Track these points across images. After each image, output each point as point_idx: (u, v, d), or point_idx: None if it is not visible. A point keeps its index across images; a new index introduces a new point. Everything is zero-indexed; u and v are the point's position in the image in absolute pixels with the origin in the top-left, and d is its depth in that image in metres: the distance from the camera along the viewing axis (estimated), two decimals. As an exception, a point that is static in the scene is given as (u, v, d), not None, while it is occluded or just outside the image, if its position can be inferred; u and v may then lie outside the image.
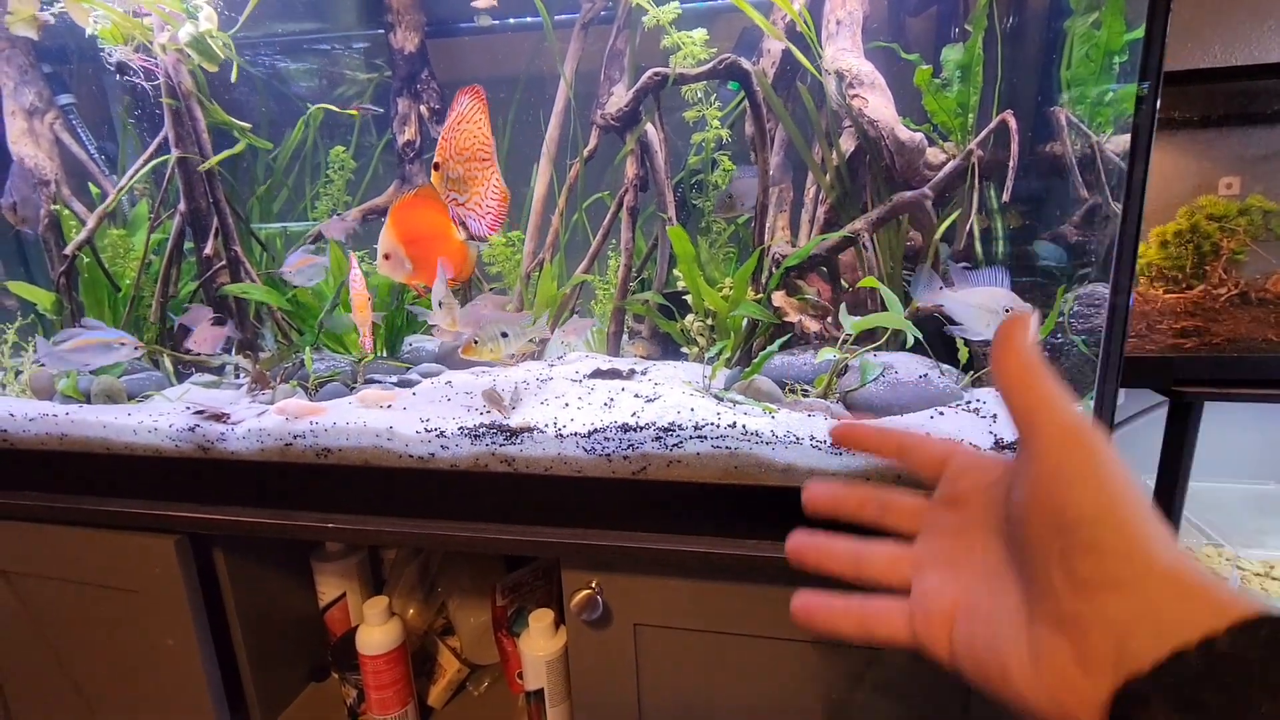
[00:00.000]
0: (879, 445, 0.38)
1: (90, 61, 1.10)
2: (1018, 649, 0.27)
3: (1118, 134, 0.78)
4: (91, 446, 0.84)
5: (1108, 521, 0.25)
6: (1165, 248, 1.01)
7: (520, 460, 0.72)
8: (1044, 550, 0.26)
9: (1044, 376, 0.28)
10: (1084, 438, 0.27)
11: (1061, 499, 0.26)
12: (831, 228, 0.92)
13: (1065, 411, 0.27)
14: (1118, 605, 0.24)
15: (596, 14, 1.02)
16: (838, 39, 0.88)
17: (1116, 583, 0.24)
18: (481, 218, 0.73)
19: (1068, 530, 0.25)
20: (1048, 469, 0.27)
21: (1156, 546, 0.24)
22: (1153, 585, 0.24)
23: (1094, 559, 0.25)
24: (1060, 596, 0.25)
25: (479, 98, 0.70)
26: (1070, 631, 0.25)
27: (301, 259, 0.90)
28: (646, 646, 0.72)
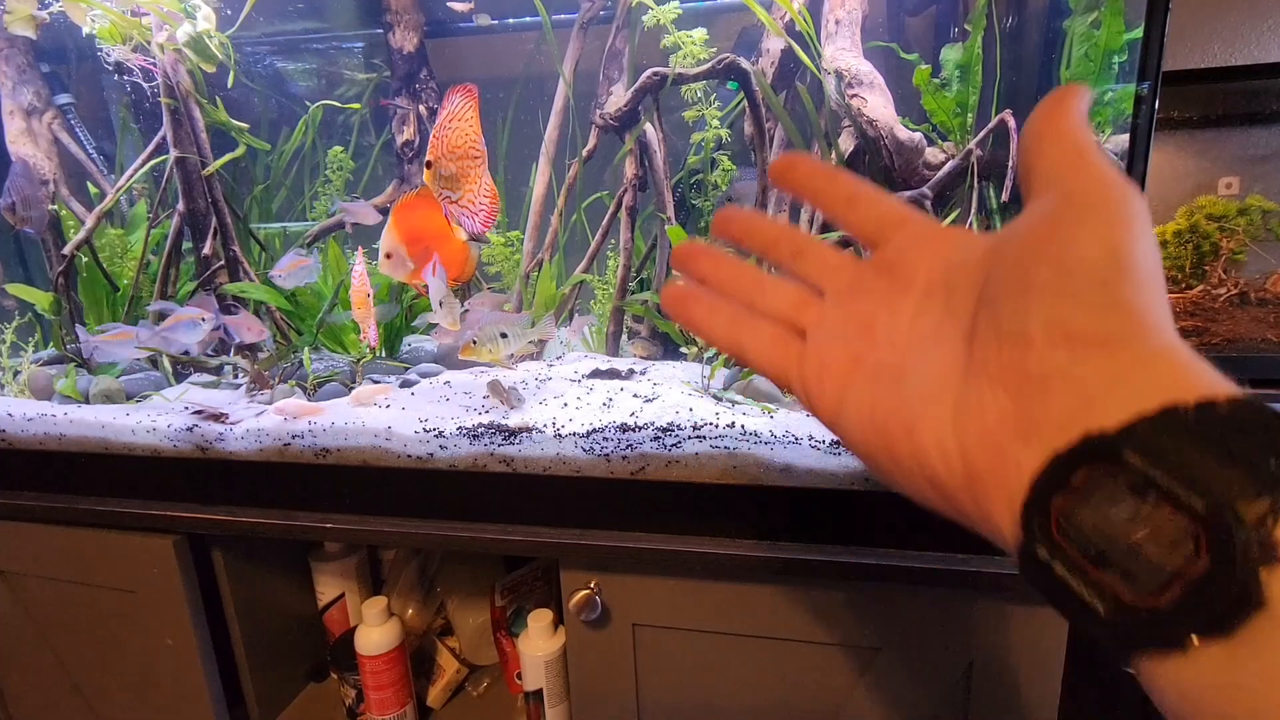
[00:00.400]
0: (825, 184, 0.32)
1: (89, 61, 1.10)
2: (935, 411, 0.25)
3: (1117, 134, 0.78)
4: (90, 447, 0.84)
5: (1121, 270, 0.22)
6: (1164, 248, 1.01)
7: (519, 460, 0.72)
8: (1027, 300, 0.23)
9: (1090, 134, 0.25)
10: (1119, 189, 0.23)
11: (1076, 239, 0.23)
12: (830, 227, 0.92)
13: (1101, 162, 0.24)
14: (1103, 363, 0.21)
15: (596, 14, 1.02)
16: (837, 38, 0.88)
17: (1110, 339, 0.21)
18: (474, 215, 0.73)
19: (1071, 272, 0.22)
20: (1067, 211, 0.23)
21: (1162, 319, 0.22)
22: (1148, 349, 0.21)
23: (1093, 307, 0.22)
24: (1031, 351, 0.22)
25: (471, 96, 0.70)
26: (1025, 391, 0.22)
27: (292, 261, 0.90)
28: (645, 647, 0.72)
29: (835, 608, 0.65)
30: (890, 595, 0.64)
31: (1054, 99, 0.26)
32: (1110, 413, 0.20)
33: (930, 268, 0.28)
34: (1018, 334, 0.23)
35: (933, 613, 0.63)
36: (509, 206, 1.12)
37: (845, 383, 0.28)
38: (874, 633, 0.65)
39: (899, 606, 0.64)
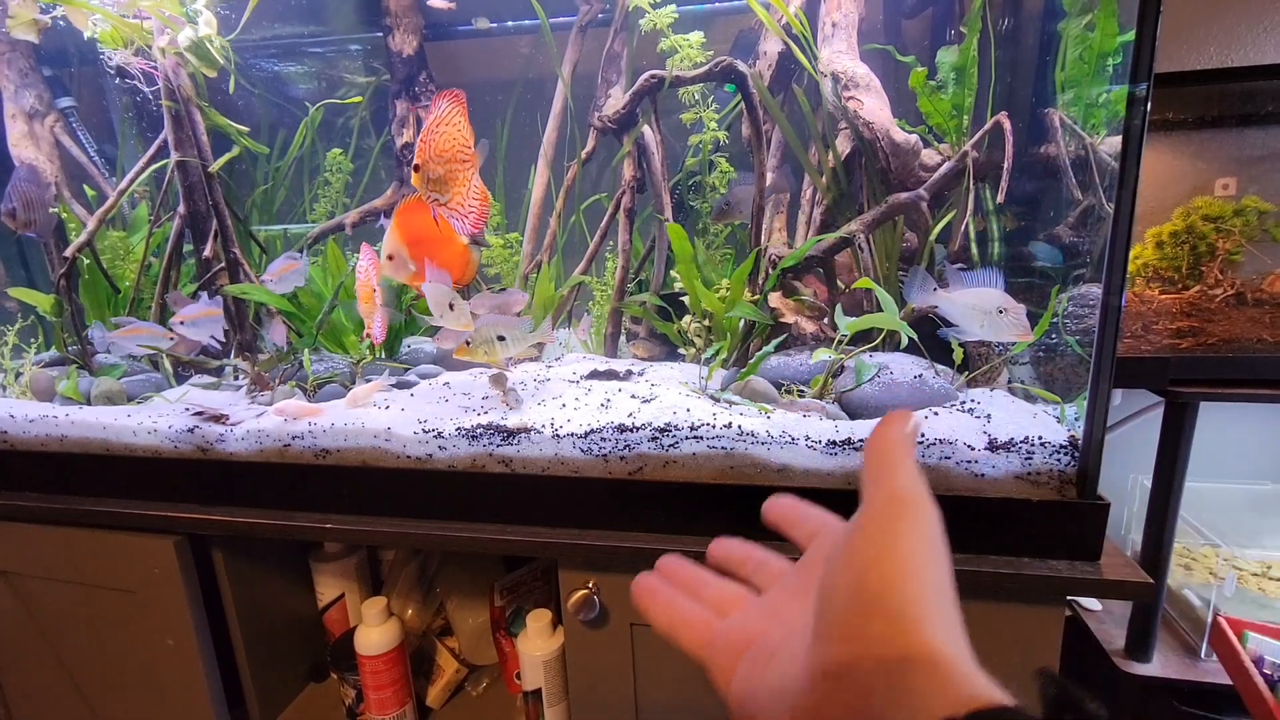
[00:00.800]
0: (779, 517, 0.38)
1: (91, 65, 1.11)
2: (779, 697, 0.28)
3: (1112, 135, 0.79)
4: (91, 448, 0.84)
5: (902, 595, 0.25)
6: (1161, 248, 1.02)
7: (518, 461, 0.72)
8: (831, 603, 0.26)
9: (904, 452, 0.29)
10: (907, 503, 0.27)
11: (860, 552, 0.26)
12: (828, 229, 0.92)
13: (902, 479, 0.28)
14: (881, 674, 0.24)
15: (594, 17, 1.03)
16: (833, 41, 0.89)
17: (879, 651, 0.24)
18: (464, 217, 0.74)
19: (863, 590, 0.26)
20: (862, 527, 0.27)
21: (937, 631, 0.25)
22: (913, 664, 0.24)
23: (875, 624, 0.25)
24: (830, 648, 0.26)
25: (458, 101, 0.71)
26: (826, 688, 0.25)
27: (283, 265, 0.90)
28: (644, 646, 0.72)
29: (832, 607, 0.65)
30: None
31: (885, 421, 0.30)
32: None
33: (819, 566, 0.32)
34: (828, 634, 0.26)
35: (929, 612, 0.63)
36: (508, 208, 1.13)
37: (737, 661, 0.32)
38: (870, 632, 0.65)
39: (895, 606, 0.64)
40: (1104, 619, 1.05)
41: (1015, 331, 0.64)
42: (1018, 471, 0.62)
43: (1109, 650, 0.98)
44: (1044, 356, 0.80)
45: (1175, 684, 0.93)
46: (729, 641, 0.33)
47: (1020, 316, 0.64)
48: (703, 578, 0.37)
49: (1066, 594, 0.61)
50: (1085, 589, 0.60)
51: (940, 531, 0.27)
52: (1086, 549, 0.61)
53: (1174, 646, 0.99)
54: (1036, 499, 0.61)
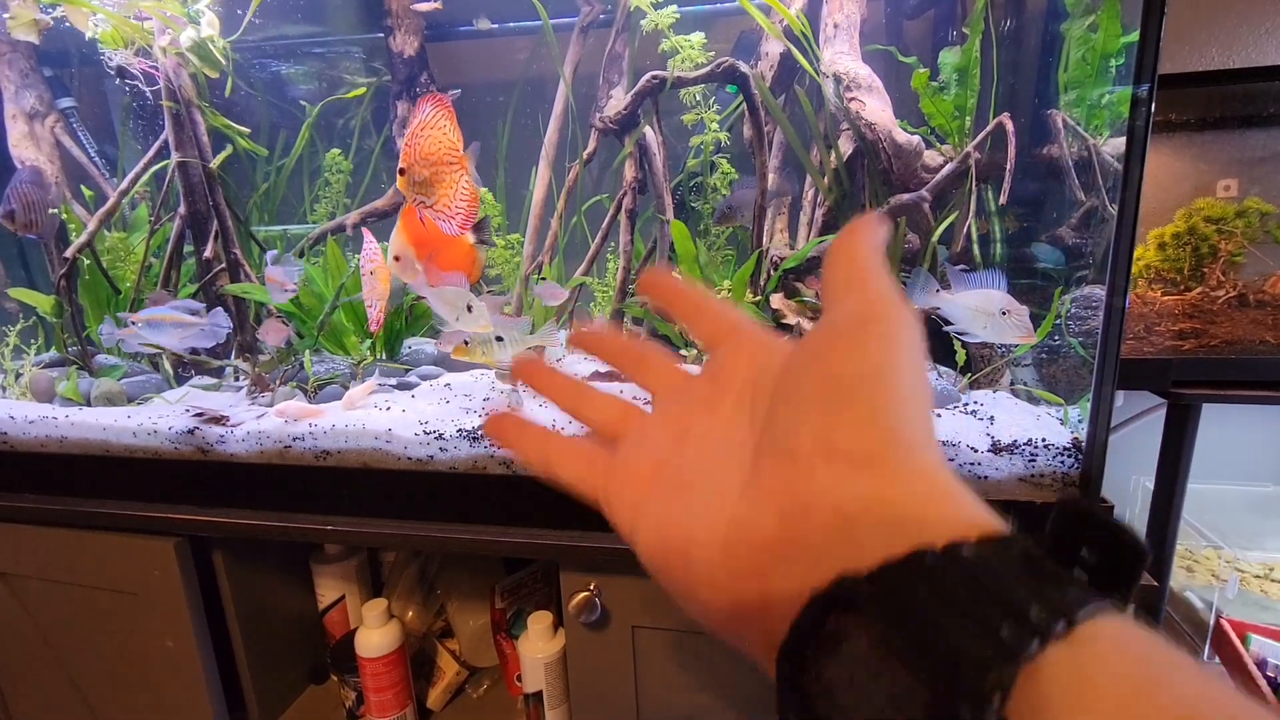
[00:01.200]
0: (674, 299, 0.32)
1: (91, 65, 1.10)
2: (709, 527, 0.23)
3: (1114, 136, 0.78)
4: (91, 449, 0.84)
5: (878, 391, 0.21)
6: (1163, 250, 1.01)
7: (519, 463, 0.72)
8: (797, 414, 0.22)
9: (875, 260, 0.25)
10: (885, 309, 0.23)
11: (842, 354, 0.22)
12: (830, 230, 0.92)
13: (878, 288, 0.24)
14: (863, 486, 0.20)
15: (595, 18, 1.03)
16: (835, 42, 0.89)
17: (870, 459, 0.20)
18: (451, 218, 0.74)
19: (836, 388, 0.22)
20: (837, 329, 0.23)
21: (923, 440, 0.21)
22: (908, 474, 0.20)
23: (853, 423, 0.21)
24: (798, 467, 0.21)
25: (442, 105, 0.72)
26: (790, 511, 0.21)
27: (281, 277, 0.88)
28: (645, 649, 0.72)
29: (834, 609, 0.65)
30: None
31: (851, 226, 0.26)
32: (866, 549, 0.19)
33: (745, 375, 0.27)
34: (788, 449, 0.22)
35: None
36: (509, 209, 1.12)
37: (645, 492, 0.27)
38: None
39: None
40: (1106, 621, 1.05)
41: (1018, 333, 0.64)
42: (1021, 474, 0.62)
43: (1111, 653, 0.97)
44: (1047, 358, 0.80)
45: (1178, 686, 0.93)
46: (628, 473, 0.28)
47: (1023, 318, 0.64)
48: (577, 389, 0.32)
49: (1070, 597, 0.61)
50: (1089, 592, 0.60)
51: (922, 348, 0.23)
52: (1090, 551, 0.61)
53: (1177, 649, 0.98)
54: (1040, 501, 0.61)
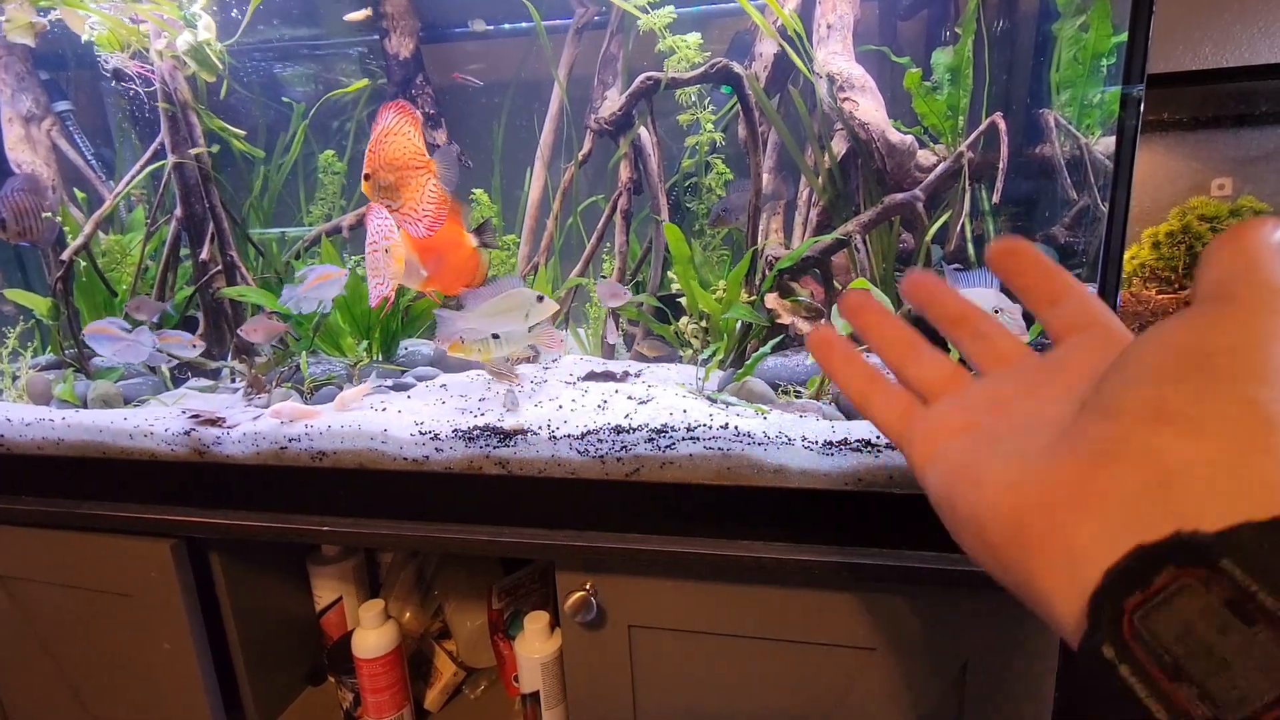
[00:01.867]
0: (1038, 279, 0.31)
1: (88, 68, 1.11)
2: (1004, 469, 0.24)
3: (1106, 136, 0.79)
4: (87, 451, 0.84)
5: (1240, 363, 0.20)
6: (1158, 249, 1.02)
7: (514, 462, 0.72)
8: (1131, 377, 0.22)
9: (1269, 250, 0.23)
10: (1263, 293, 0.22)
11: (1203, 330, 0.22)
12: (824, 230, 0.93)
13: (1271, 274, 0.22)
14: (1192, 450, 0.19)
15: (590, 19, 1.03)
16: (829, 42, 0.89)
17: (1204, 426, 0.20)
18: (418, 221, 0.76)
19: (1185, 357, 0.21)
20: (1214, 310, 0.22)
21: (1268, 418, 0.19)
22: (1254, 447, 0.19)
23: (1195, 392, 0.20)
24: (1118, 424, 0.21)
25: (405, 112, 0.73)
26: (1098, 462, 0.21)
27: (322, 274, 0.86)
28: (641, 648, 0.72)
29: (830, 608, 0.65)
30: (884, 596, 0.64)
31: (1241, 224, 0.25)
32: (1206, 511, 0.18)
33: (1090, 368, 0.27)
34: (1111, 408, 0.22)
35: (927, 613, 0.63)
36: (505, 210, 1.13)
37: (949, 439, 0.28)
38: (869, 633, 0.65)
39: (893, 607, 0.64)
40: (1103, 619, 1.05)
41: (1012, 331, 0.64)
42: (1014, 471, 0.62)
43: (1108, 650, 0.98)
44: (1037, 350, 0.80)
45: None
46: (939, 423, 0.29)
47: (1016, 316, 0.64)
48: (912, 341, 0.32)
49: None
50: (1082, 589, 0.60)
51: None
52: (1083, 549, 0.61)
53: (1173, 646, 0.99)
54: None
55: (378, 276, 0.81)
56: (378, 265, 0.81)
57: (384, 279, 0.81)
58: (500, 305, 0.74)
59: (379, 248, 0.81)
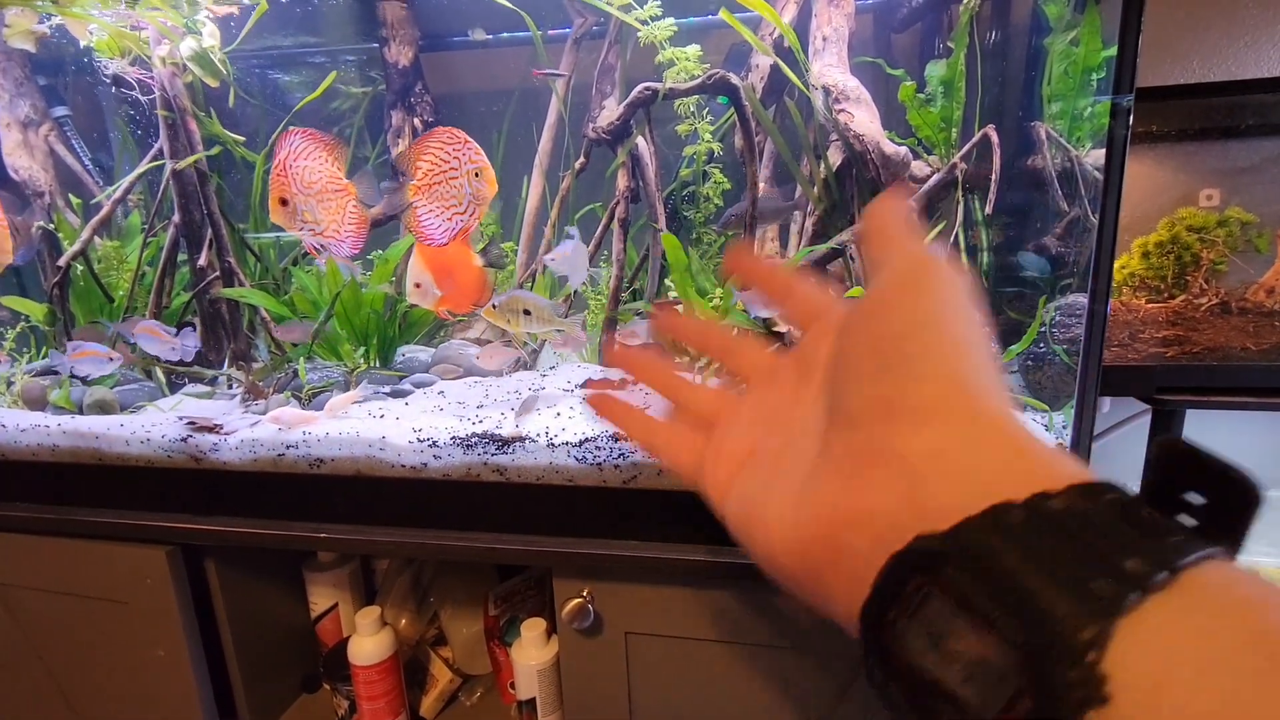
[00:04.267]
0: (765, 279, 0.32)
1: (86, 74, 1.11)
2: (783, 497, 0.24)
3: (1096, 148, 0.80)
4: (83, 457, 0.84)
5: (927, 341, 0.21)
6: (1147, 258, 1.03)
7: (512, 470, 0.73)
8: (850, 377, 0.23)
9: (909, 225, 0.25)
10: (928, 264, 0.23)
11: (886, 314, 0.22)
12: (820, 239, 0.94)
13: (917, 245, 0.24)
14: (925, 440, 0.19)
15: (589, 29, 1.04)
16: (824, 55, 0.90)
17: (928, 411, 0.20)
18: (342, 242, 0.79)
19: (882, 346, 0.22)
20: (882, 290, 0.23)
21: (980, 387, 0.20)
22: (967, 426, 0.19)
23: (905, 378, 0.20)
24: (858, 430, 0.21)
25: (311, 137, 0.75)
26: (856, 473, 0.21)
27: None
28: (638, 655, 0.72)
29: (825, 614, 0.66)
30: (879, 601, 0.64)
31: (880, 200, 0.27)
32: (940, 507, 0.18)
33: (827, 356, 0.27)
34: (847, 415, 0.22)
35: (921, 619, 0.64)
36: (503, 218, 1.13)
37: (736, 471, 0.28)
38: (863, 639, 0.66)
39: (888, 613, 0.64)
40: (1095, 625, 1.06)
41: None
42: (1007, 479, 0.63)
43: (1100, 656, 0.98)
44: (1032, 365, 0.81)
45: (1166, 690, 0.94)
46: (721, 457, 0.29)
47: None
48: (672, 379, 0.33)
49: (1056, 600, 0.62)
50: (1075, 595, 0.61)
51: (970, 299, 0.22)
52: (1076, 555, 0.62)
53: (1164, 652, 1.00)
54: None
55: (456, 205, 0.76)
56: (454, 193, 0.76)
57: (469, 207, 0.76)
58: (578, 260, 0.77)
59: (459, 172, 0.76)
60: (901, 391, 0.20)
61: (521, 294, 0.78)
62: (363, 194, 0.79)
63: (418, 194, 0.77)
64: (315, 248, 0.81)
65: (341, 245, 0.79)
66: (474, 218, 0.78)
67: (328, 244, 0.78)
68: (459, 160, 0.76)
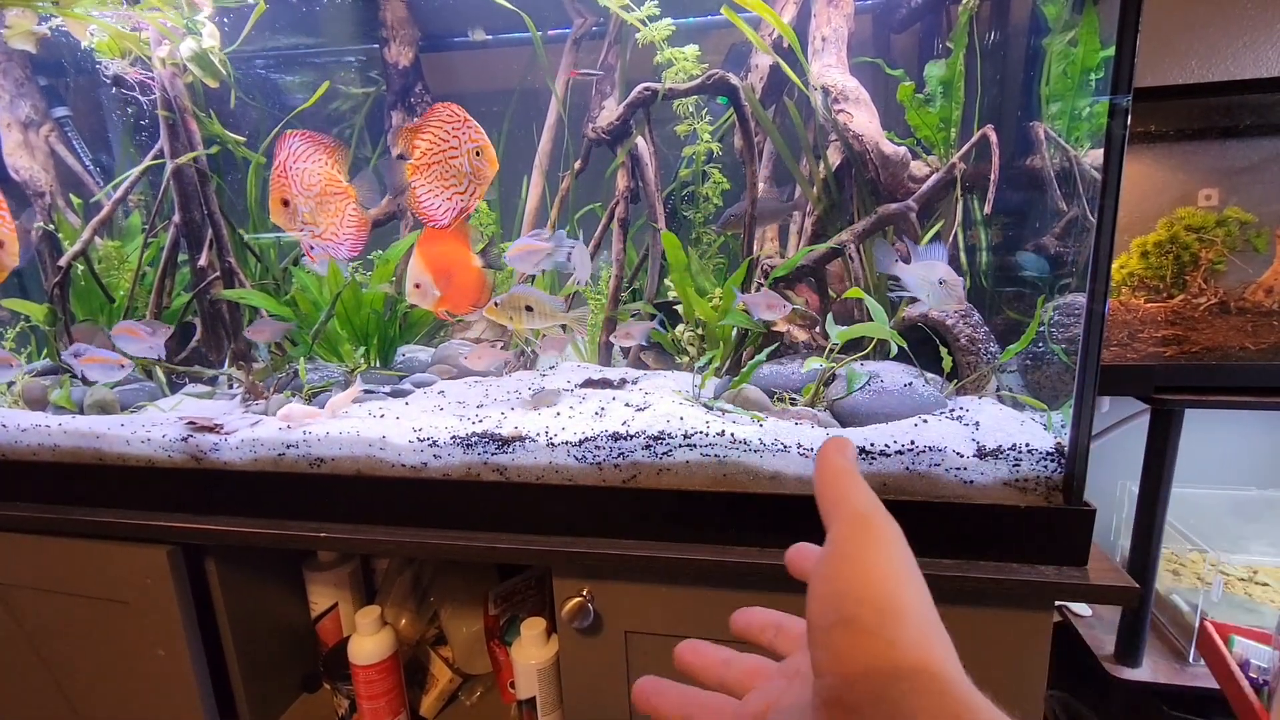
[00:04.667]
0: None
1: (87, 75, 1.11)
2: None
3: (1095, 148, 0.80)
4: (84, 457, 0.84)
5: (874, 606, 0.24)
6: (1146, 258, 1.03)
7: (512, 469, 0.73)
8: (812, 639, 0.25)
9: (853, 477, 0.29)
10: (871, 523, 0.27)
11: (834, 575, 0.26)
12: (819, 239, 0.94)
13: (860, 501, 0.28)
14: (868, 695, 0.22)
15: (588, 30, 1.04)
16: (823, 55, 0.90)
17: (866, 667, 0.23)
18: (340, 245, 0.79)
19: (835, 606, 0.25)
20: (832, 551, 0.27)
21: (918, 639, 0.23)
22: (904, 677, 0.22)
23: (850, 635, 0.23)
24: (818, 682, 0.24)
25: (310, 140, 0.76)
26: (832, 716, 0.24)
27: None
28: (638, 654, 0.72)
29: (824, 613, 0.66)
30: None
31: (823, 452, 0.30)
32: None
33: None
34: (816, 666, 0.25)
35: (920, 618, 0.64)
36: (504, 218, 1.13)
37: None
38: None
39: (887, 612, 0.64)
40: (1094, 625, 1.06)
41: (952, 301, 0.69)
42: (1006, 478, 0.63)
43: (1099, 655, 0.99)
44: (1031, 364, 0.81)
45: (1164, 689, 0.94)
46: (749, 714, 0.32)
47: (958, 289, 0.69)
48: (724, 656, 0.37)
49: (1054, 599, 0.62)
50: (1072, 594, 0.61)
51: (906, 546, 0.26)
52: (1074, 554, 0.62)
53: (1163, 651, 1.00)
54: (1024, 505, 0.62)
55: (456, 184, 0.76)
56: (454, 172, 0.75)
57: (467, 186, 0.76)
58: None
59: (460, 151, 0.75)
60: (860, 652, 0.23)
61: (523, 290, 0.78)
62: (363, 197, 0.79)
63: (416, 174, 0.76)
64: (310, 248, 0.81)
65: (340, 247, 0.79)
66: (475, 197, 0.78)
67: (326, 246, 0.79)
68: (459, 139, 0.75)
